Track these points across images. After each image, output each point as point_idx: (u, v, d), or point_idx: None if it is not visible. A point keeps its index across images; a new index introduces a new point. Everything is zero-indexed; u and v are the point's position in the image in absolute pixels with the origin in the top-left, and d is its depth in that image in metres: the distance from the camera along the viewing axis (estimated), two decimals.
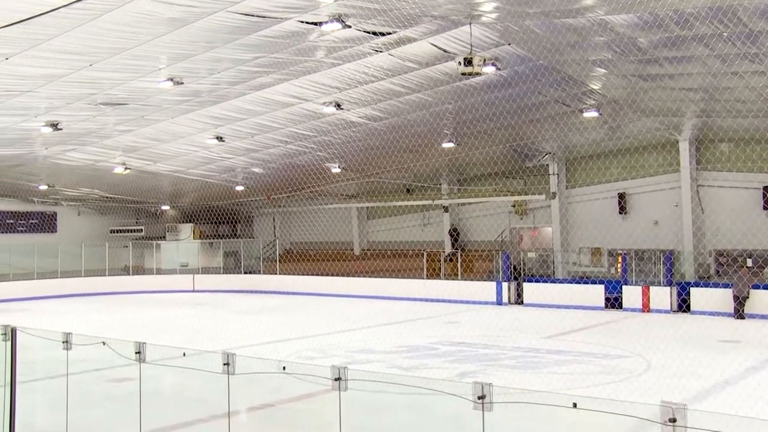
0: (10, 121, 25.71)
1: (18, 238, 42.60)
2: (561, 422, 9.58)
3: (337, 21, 17.44)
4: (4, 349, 8.93)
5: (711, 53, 19.01)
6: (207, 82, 22.49)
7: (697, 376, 15.65)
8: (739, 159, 28.62)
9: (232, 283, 41.10)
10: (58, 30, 16.66)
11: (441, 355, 18.91)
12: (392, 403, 11.70)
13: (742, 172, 28.61)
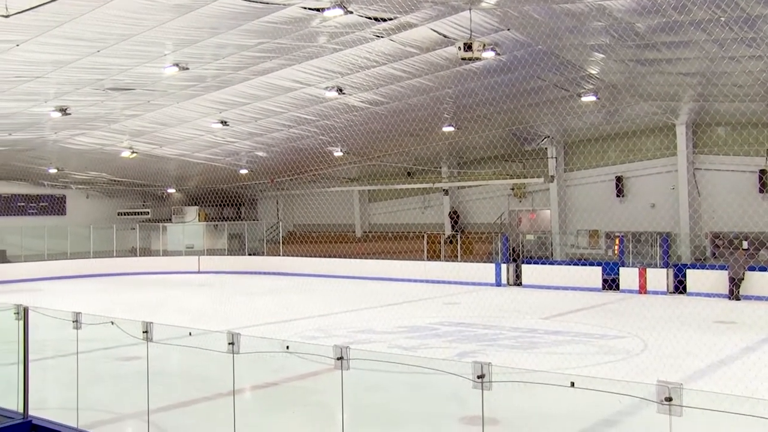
0: (20, 106, 25.70)
1: (29, 220, 42.68)
2: (559, 401, 9.62)
3: (339, 7, 17.38)
4: (17, 327, 8.96)
5: (708, 38, 18.94)
6: (212, 67, 22.46)
7: (693, 356, 15.68)
8: (736, 143, 28.55)
9: (236, 264, 41.18)
10: (66, 17, 16.64)
11: (441, 335, 18.94)
12: (393, 382, 11.74)
13: (739, 155, 28.54)
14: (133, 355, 9.13)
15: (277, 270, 39.04)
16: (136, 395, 8.88)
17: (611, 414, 10.35)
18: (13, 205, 43.11)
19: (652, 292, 27.64)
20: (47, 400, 9.22)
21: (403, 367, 9.30)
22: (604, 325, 20.30)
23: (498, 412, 7.44)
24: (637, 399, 5.32)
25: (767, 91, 22.49)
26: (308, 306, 24.95)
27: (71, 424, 8.53)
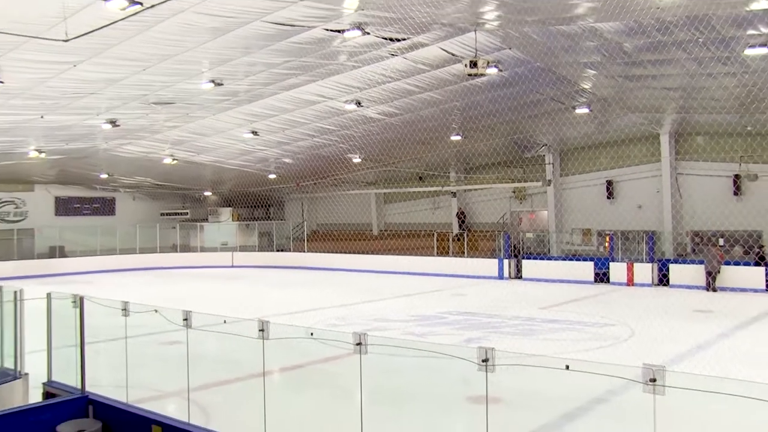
0: (77, 119, 25.84)
1: (83, 220, 42.88)
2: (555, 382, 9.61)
3: (358, 29, 17.42)
4: (74, 315, 9.03)
5: (688, 57, 18.91)
6: (244, 83, 22.51)
7: (675, 342, 15.63)
8: (714, 150, 28.53)
9: (265, 259, 41.23)
10: (116, 40, 16.73)
11: (449, 323, 18.93)
12: (406, 365, 11.74)
13: (716, 162, 28.48)
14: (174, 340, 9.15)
15: (302, 265, 39.09)
16: (177, 375, 8.91)
17: (602, 393, 10.33)
18: (70, 206, 43.34)
19: (638, 285, 27.51)
20: (100, 379, 9.26)
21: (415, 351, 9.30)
22: (595, 314, 20.23)
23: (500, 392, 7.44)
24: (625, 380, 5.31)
25: (741, 104, 22.50)
26: (330, 297, 24.99)
27: (121, 400, 8.58)
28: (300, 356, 13.07)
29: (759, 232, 26.99)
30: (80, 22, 14.01)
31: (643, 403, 5.00)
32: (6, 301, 9.76)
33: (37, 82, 20.12)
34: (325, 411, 10.74)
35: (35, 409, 8.53)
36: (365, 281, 31.14)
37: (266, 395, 7.26)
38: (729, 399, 4.85)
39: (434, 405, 11.12)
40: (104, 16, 14.12)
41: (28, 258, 37.71)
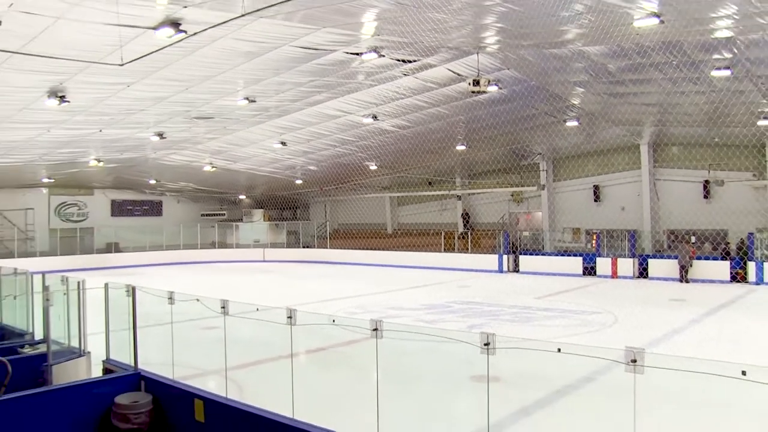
0: (129, 133, 26.03)
1: (134, 220, 43.20)
2: (549, 363, 9.61)
3: (374, 52, 17.48)
4: (128, 302, 9.11)
5: (664, 77, 18.88)
6: (274, 100, 22.60)
7: (653, 327, 15.56)
8: (686, 159, 28.49)
9: (293, 255, 41.29)
10: (164, 63, 16.87)
11: (455, 312, 18.90)
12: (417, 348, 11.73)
13: (689, 169, 28.42)
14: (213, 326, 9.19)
15: (325, 259, 39.11)
16: (216, 356, 8.94)
17: (589, 373, 10.30)
18: (124, 208, 43.64)
19: (621, 277, 27.37)
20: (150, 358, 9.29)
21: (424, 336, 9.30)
22: (583, 303, 20.14)
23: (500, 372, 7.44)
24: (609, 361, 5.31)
25: (709, 119, 22.49)
26: (349, 288, 24.99)
27: (168, 376, 8.64)
28: (323, 340, 13.08)
29: (725, 231, 26.96)
30: (134, 48, 14.15)
31: (625, 382, 5.01)
32: (71, 290, 9.85)
33: (96, 100, 20.30)
34: (345, 388, 10.77)
35: (97, 383, 8.63)
36: (381, 274, 31.14)
37: (293, 374, 7.28)
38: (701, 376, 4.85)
39: (441, 383, 11.12)
40: (154, 43, 14.25)
41: (89, 253, 38.01)
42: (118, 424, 8.02)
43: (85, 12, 12.70)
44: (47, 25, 13.16)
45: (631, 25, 14.38)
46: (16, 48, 13.96)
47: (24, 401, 7.69)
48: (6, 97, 18.66)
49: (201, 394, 7.91)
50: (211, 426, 7.68)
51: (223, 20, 12.99)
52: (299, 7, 13.46)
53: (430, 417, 9.19)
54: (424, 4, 13.80)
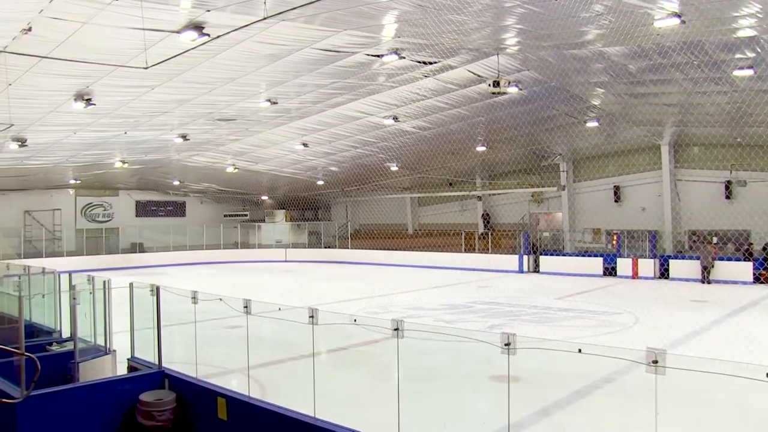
0: (153, 135, 26.25)
1: (158, 220, 43.52)
2: (569, 363, 9.55)
3: (395, 54, 17.48)
4: (152, 302, 9.19)
5: (685, 77, 18.69)
6: (295, 102, 22.68)
7: (674, 328, 15.40)
8: (708, 159, 28.11)
9: (314, 255, 41.42)
10: (187, 66, 17.00)
11: (475, 312, 18.85)
12: (438, 348, 11.73)
13: (710, 169, 28.06)
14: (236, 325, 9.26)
15: (346, 260, 39.19)
16: (238, 355, 8.99)
17: (609, 374, 10.23)
18: (148, 209, 44.01)
19: (642, 278, 27.15)
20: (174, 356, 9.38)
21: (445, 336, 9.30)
22: (604, 304, 20.01)
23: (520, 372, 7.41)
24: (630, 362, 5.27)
25: (731, 119, 22.21)
26: (370, 288, 25.01)
27: (191, 375, 8.71)
28: (344, 339, 13.11)
29: (748, 231, 26.57)
30: (158, 52, 14.27)
31: (645, 382, 4.97)
32: (97, 289, 9.97)
33: (121, 103, 20.50)
34: (366, 386, 10.78)
35: (122, 380, 8.75)
36: (401, 274, 31.14)
37: (315, 372, 7.30)
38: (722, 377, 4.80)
39: (462, 382, 11.10)
40: (177, 46, 14.36)
41: (114, 253, 38.45)
42: (143, 421, 8.10)
43: (110, 16, 12.84)
44: (74, 29, 13.32)
45: (651, 26, 14.24)
46: (45, 53, 14.14)
47: (52, 397, 7.79)
48: (35, 100, 18.90)
49: (224, 393, 7.96)
50: (234, 424, 7.73)
51: (245, 23, 13.06)
52: (320, 9, 13.49)
53: (450, 416, 9.17)
54: (444, 6, 13.78)
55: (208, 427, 8.08)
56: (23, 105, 18.92)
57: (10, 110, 18.19)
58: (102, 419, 8.11)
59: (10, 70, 15.27)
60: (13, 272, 17.49)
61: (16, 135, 22.81)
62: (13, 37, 13.23)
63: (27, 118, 20.74)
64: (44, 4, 11.99)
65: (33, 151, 26.74)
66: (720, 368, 4.78)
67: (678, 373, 4.82)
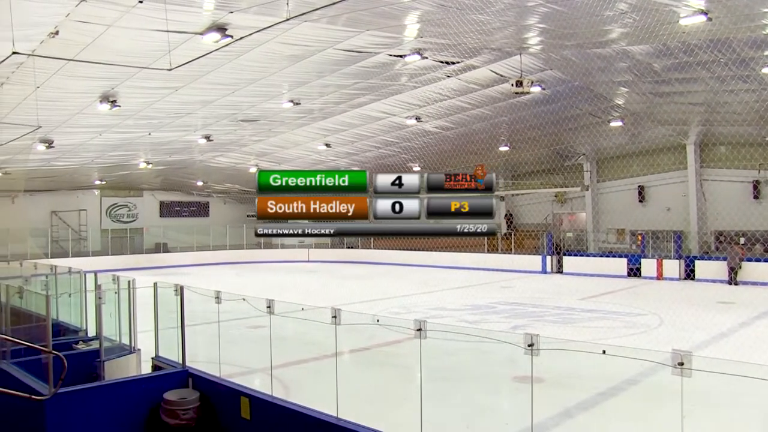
0: (177, 136, 26.48)
1: (182, 221, 43.88)
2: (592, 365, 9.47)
3: (417, 54, 17.47)
4: (176, 301, 9.27)
5: (711, 75, 18.46)
6: (318, 102, 22.74)
7: (700, 330, 15.20)
8: (735, 159, 27.72)
9: (337, 255, 41.46)
10: (211, 67, 17.12)
11: (498, 312, 18.78)
12: (461, 349, 11.70)
13: (737, 169, 27.69)
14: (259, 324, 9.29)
15: (369, 260, 39.21)
16: (261, 355, 9.03)
17: (634, 375, 10.14)
18: (172, 209, 44.41)
19: (667, 279, 26.86)
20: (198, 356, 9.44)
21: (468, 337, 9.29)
22: (628, 305, 19.83)
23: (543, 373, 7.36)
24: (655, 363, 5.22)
25: (759, 117, 21.86)
26: (393, 288, 24.98)
27: (215, 374, 8.77)
28: (367, 340, 13.12)
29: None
30: (181, 53, 14.39)
31: (671, 385, 4.91)
32: (122, 289, 10.08)
33: (145, 105, 20.70)
34: (389, 387, 10.78)
35: (147, 379, 8.84)
36: (424, 275, 31.09)
37: (338, 373, 7.32)
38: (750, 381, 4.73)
39: (484, 383, 11.06)
40: (201, 48, 14.47)
41: (138, 253, 38.83)
42: (167, 420, 8.17)
43: (135, 19, 12.97)
44: (100, 32, 13.48)
45: (677, 24, 14.09)
46: (71, 56, 14.32)
47: (79, 395, 7.90)
48: (62, 102, 19.15)
49: (247, 392, 8.00)
50: (257, 423, 7.77)
51: (268, 24, 13.12)
52: (343, 10, 13.52)
53: (472, 417, 9.14)
54: (466, 6, 13.74)
55: (232, 426, 8.13)
56: (50, 107, 19.18)
57: (38, 112, 18.44)
58: (127, 417, 8.20)
59: (38, 73, 15.50)
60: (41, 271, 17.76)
61: (44, 137, 23.13)
62: (41, 40, 13.42)
63: (54, 120, 21.03)
64: (71, 8, 12.15)
65: (60, 153, 27.09)
66: (748, 371, 4.71)
67: (705, 375, 4.77)
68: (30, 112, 18.47)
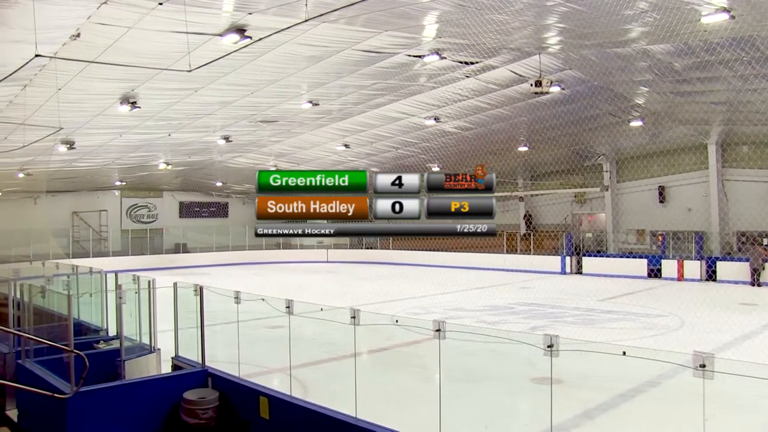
0: (196, 137, 26.63)
1: (201, 221, 44.13)
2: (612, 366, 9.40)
3: (436, 54, 17.44)
4: (195, 302, 9.33)
5: (734, 74, 18.23)
6: (337, 103, 22.78)
7: (722, 332, 15.03)
8: (758, 158, 27.40)
9: (356, 256, 41.50)
10: (230, 69, 17.20)
11: (517, 313, 18.72)
12: (479, 349, 11.68)
13: (761, 169, 27.37)
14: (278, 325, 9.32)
15: (387, 260, 39.18)
16: (280, 355, 9.07)
17: (654, 377, 10.07)
18: (192, 210, 44.68)
19: (688, 280, 26.61)
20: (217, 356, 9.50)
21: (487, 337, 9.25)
22: (648, 306, 19.68)
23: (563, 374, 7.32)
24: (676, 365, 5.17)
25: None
26: (412, 289, 24.95)
27: (234, 374, 8.81)
28: (386, 340, 13.14)
29: None
30: (201, 55, 14.47)
31: (692, 387, 4.87)
32: (142, 289, 10.17)
33: (165, 106, 20.85)
34: (408, 387, 10.78)
35: (167, 378, 8.91)
36: (443, 275, 31.01)
37: (357, 373, 7.33)
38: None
39: (503, 384, 11.03)
40: (220, 49, 14.55)
41: (158, 253, 39.13)
42: (187, 419, 8.22)
43: (155, 21, 13.07)
44: (120, 34, 13.60)
45: (698, 22, 13.95)
46: (92, 58, 14.46)
47: (100, 393, 7.99)
48: (83, 104, 19.34)
49: (266, 392, 8.04)
50: (276, 423, 7.80)
51: (286, 25, 13.16)
52: (361, 11, 13.53)
53: (491, 418, 9.11)
54: (485, 6, 13.70)
55: (251, 425, 8.16)
56: (72, 109, 19.37)
57: (60, 114, 18.63)
58: (147, 416, 8.27)
59: (60, 75, 15.66)
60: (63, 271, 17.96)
61: (65, 138, 23.37)
62: (63, 43, 13.56)
63: (75, 122, 21.24)
64: (92, 11, 12.26)
65: (81, 154, 27.36)
66: None
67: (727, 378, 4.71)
68: (52, 113, 18.66)
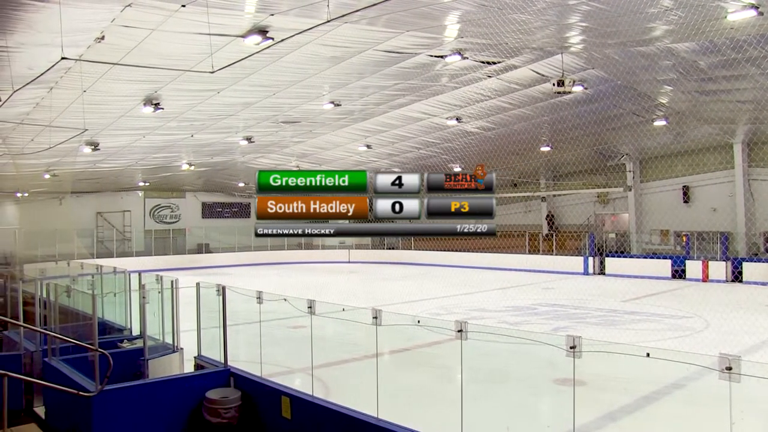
0: (219, 137, 26.81)
1: (224, 222, 44.41)
2: (636, 368, 9.31)
3: (458, 54, 17.39)
4: (218, 301, 9.39)
5: (761, 72, 17.96)
6: (358, 103, 22.80)
7: (748, 334, 14.80)
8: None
9: (378, 256, 41.52)
10: (252, 70, 17.29)
11: (540, 314, 18.62)
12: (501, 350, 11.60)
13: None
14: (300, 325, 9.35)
15: (409, 261, 39.15)
16: (302, 355, 9.09)
17: (678, 379, 9.95)
18: (214, 210, 44.98)
19: (713, 281, 26.29)
20: (239, 355, 9.54)
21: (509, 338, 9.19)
22: (673, 307, 19.46)
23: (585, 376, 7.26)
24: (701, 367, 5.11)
25: None
26: (434, 289, 24.91)
27: (256, 373, 8.85)
28: (407, 341, 13.12)
29: None
30: (223, 56, 14.57)
31: (718, 390, 4.80)
32: (165, 289, 10.26)
33: (188, 107, 21.01)
34: (429, 388, 10.76)
35: (190, 378, 8.98)
36: (465, 275, 30.93)
37: (378, 373, 7.33)
38: None
39: (525, 385, 10.98)
40: (242, 50, 14.63)
41: (181, 253, 39.45)
42: (209, 418, 8.28)
43: (178, 23, 13.18)
44: (144, 36, 13.73)
45: (724, 20, 13.77)
46: (116, 60, 14.61)
47: (124, 392, 8.07)
48: (107, 106, 19.55)
49: (288, 392, 8.07)
50: (298, 423, 7.82)
51: (308, 26, 13.20)
52: (383, 11, 13.54)
53: (513, 419, 9.07)
54: (507, 6, 13.64)
55: (273, 424, 8.20)
56: (96, 110, 19.59)
57: (84, 116, 18.85)
58: (170, 414, 8.34)
59: (85, 77, 15.85)
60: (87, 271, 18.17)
61: (90, 139, 23.64)
62: (88, 45, 13.72)
63: (99, 123, 21.48)
64: (116, 13, 12.39)
65: (105, 155, 27.66)
66: None
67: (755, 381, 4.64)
68: (77, 115, 18.89)
